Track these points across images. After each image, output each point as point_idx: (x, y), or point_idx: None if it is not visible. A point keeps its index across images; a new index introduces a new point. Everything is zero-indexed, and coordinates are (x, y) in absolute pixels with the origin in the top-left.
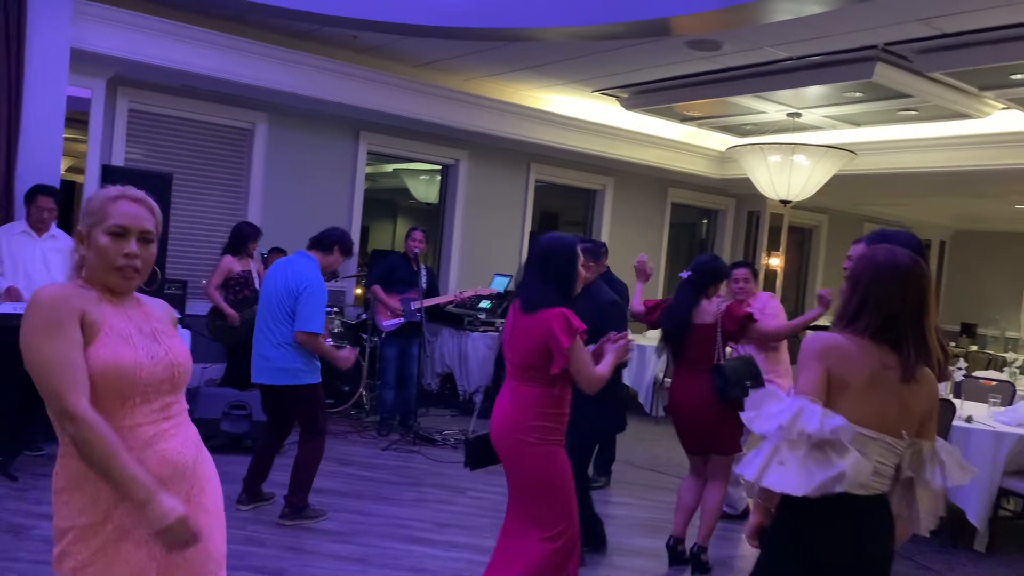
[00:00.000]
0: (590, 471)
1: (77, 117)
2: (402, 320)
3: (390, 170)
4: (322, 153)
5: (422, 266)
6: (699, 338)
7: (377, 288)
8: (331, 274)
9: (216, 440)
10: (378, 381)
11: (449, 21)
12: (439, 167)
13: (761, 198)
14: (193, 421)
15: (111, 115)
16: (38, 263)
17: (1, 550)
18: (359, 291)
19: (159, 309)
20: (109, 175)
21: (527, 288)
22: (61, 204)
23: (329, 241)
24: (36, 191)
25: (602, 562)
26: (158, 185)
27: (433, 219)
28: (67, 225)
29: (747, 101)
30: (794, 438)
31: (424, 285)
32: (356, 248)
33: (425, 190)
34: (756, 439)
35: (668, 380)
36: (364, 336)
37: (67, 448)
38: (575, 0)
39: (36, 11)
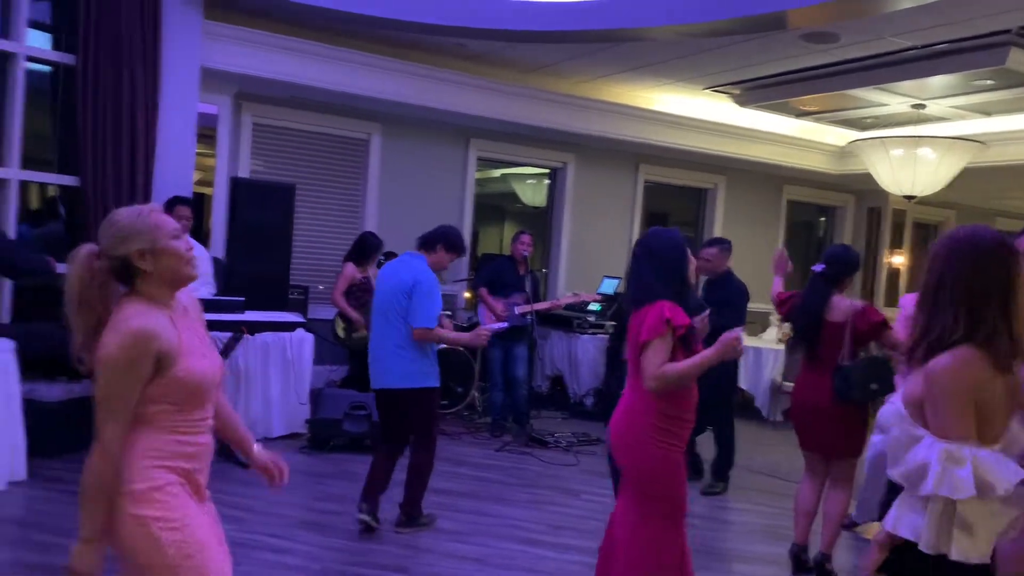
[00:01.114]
0: (706, 476)
1: (204, 132)
2: (505, 324)
3: (498, 175)
4: (433, 160)
5: (529, 271)
6: (828, 336)
7: (483, 291)
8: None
9: (338, 440)
10: (488, 383)
11: (555, 25)
12: (547, 171)
13: (883, 194)
14: (315, 421)
15: (237, 129)
16: None
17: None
18: (468, 294)
19: (196, 308)
20: (237, 187)
21: (633, 285)
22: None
23: (432, 239)
24: (175, 201)
25: (722, 568)
26: (282, 195)
27: (541, 223)
28: (197, 235)
29: (867, 94)
30: (981, 496)
31: (529, 290)
32: (467, 252)
33: (532, 194)
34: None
35: (787, 383)
36: None
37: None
38: None
39: (169, 33)
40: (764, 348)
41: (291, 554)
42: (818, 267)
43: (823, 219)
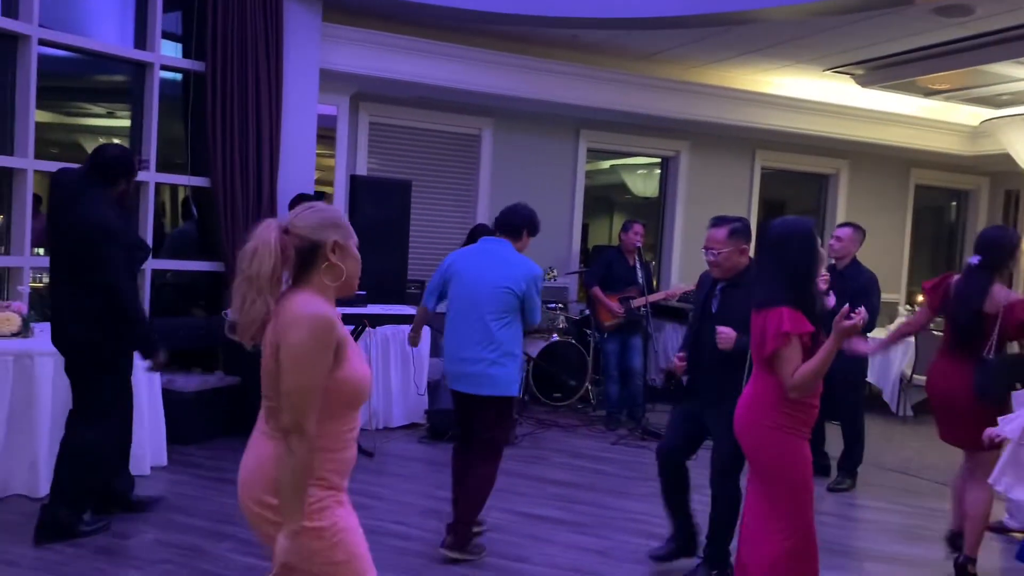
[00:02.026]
0: (833, 473)
1: (323, 133)
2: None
3: (607, 166)
4: (544, 153)
5: (640, 260)
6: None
7: (596, 290)
8: (548, 273)
9: (455, 430)
10: (602, 376)
11: (668, 11)
12: (657, 160)
13: (1021, 175)
14: (434, 412)
15: (354, 129)
16: None
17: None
18: (580, 287)
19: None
20: (356, 184)
21: (758, 282)
22: None
23: (518, 225)
24: (300, 199)
25: (853, 567)
26: (399, 192)
27: (651, 213)
28: None
29: (1004, 68)
30: None
31: (642, 281)
32: (576, 246)
33: (643, 184)
34: None
35: (916, 376)
36: (588, 331)
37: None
38: None
39: (290, 37)
40: None
41: (415, 540)
42: (974, 259)
43: (954, 204)
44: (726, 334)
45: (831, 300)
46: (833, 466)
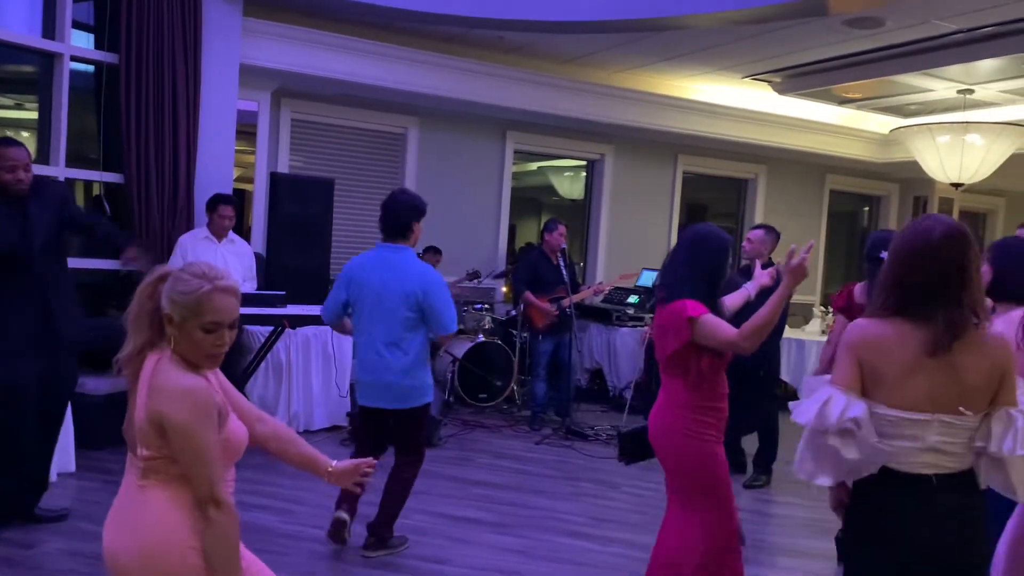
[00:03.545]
0: (749, 469)
1: (244, 129)
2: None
3: (535, 168)
4: (470, 154)
5: (562, 260)
6: None
7: (528, 295)
8: (474, 274)
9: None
10: (528, 376)
11: (593, 15)
12: (584, 163)
13: (929, 182)
14: (355, 414)
15: (276, 125)
16: (219, 266)
17: None
18: (506, 288)
19: (218, 373)
20: (276, 182)
21: (665, 277)
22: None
23: (403, 220)
24: (217, 200)
25: (767, 562)
26: (321, 190)
27: (578, 215)
28: (238, 230)
29: (913, 79)
30: (819, 427)
31: (567, 280)
32: (503, 247)
33: (570, 186)
34: None
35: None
36: (514, 332)
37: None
38: None
39: (209, 30)
40: (807, 340)
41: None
42: (883, 254)
43: (867, 208)
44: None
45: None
46: (749, 463)
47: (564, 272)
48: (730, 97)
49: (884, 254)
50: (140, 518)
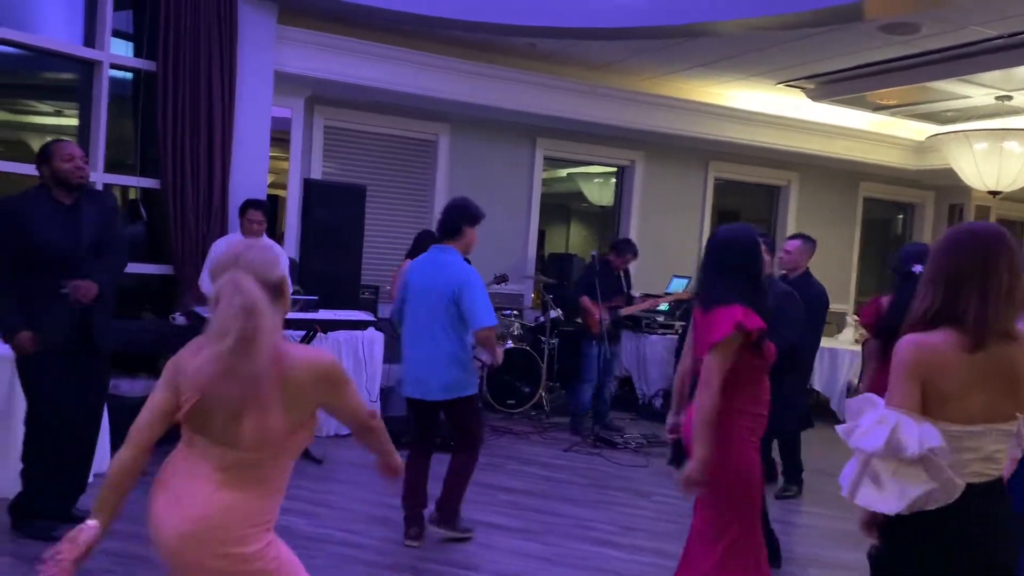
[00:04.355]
0: (779, 480)
1: (277, 136)
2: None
3: (564, 174)
4: (500, 160)
5: (622, 274)
6: None
7: (585, 299)
8: (502, 277)
9: (407, 437)
10: (578, 381)
11: (625, 22)
12: (613, 169)
13: (965, 190)
14: (386, 419)
15: (309, 132)
16: None
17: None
18: (535, 294)
19: None
20: (310, 188)
21: (703, 285)
22: (269, 216)
23: (454, 222)
24: (248, 205)
25: (797, 574)
26: (354, 196)
27: (607, 221)
28: (271, 235)
29: (949, 86)
30: (890, 455)
31: (625, 291)
32: (532, 253)
33: (599, 193)
34: None
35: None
36: (543, 338)
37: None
38: None
39: (244, 39)
40: (840, 349)
41: (364, 549)
42: (917, 268)
43: (901, 216)
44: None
45: None
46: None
47: (623, 283)
48: (763, 103)
49: (917, 268)
50: (221, 515)
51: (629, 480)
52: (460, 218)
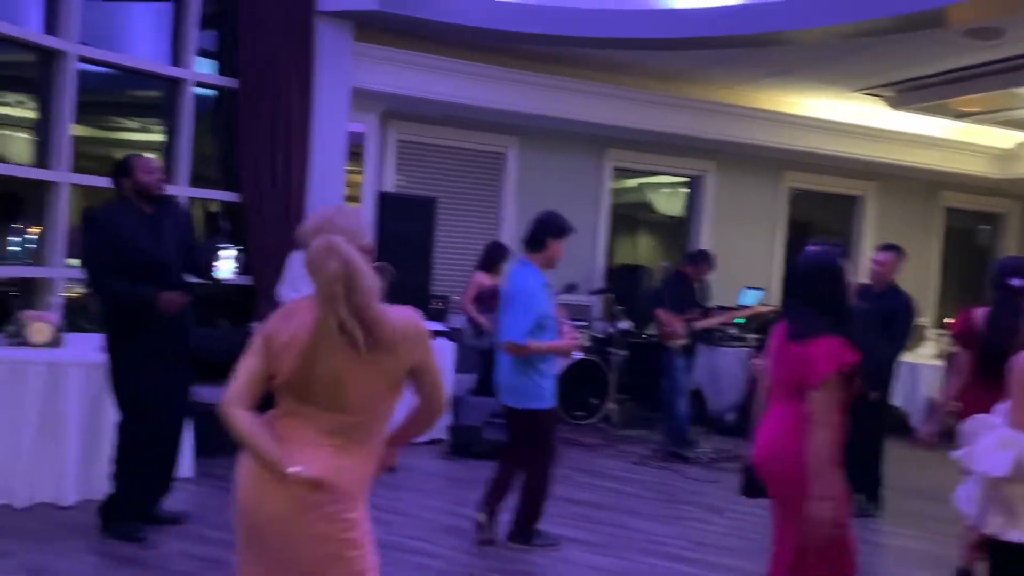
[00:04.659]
0: (859, 498)
1: (352, 149)
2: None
3: (633, 185)
4: (569, 171)
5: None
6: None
7: (660, 312)
8: (571, 286)
9: (478, 447)
10: (669, 394)
11: (699, 32)
12: (684, 179)
13: None
14: (456, 428)
15: (382, 146)
16: None
17: None
18: (605, 306)
19: None
20: (383, 201)
21: (792, 314)
22: None
23: (538, 235)
24: None
25: None
26: (425, 208)
27: (676, 232)
28: None
29: None
30: (1019, 480)
31: (703, 303)
32: (601, 264)
33: (668, 203)
34: None
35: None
36: (611, 350)
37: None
38: None
39: (321, 56)
40: (921, 364)
41: (435, 558)
42: (1016, 281)
43: (986, 227)
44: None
45: None
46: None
47: (700, 295)
48: (840, 112)
49: (1015, 281)
50: (335, 477)
51: (700, 495)
52: (546, 231)
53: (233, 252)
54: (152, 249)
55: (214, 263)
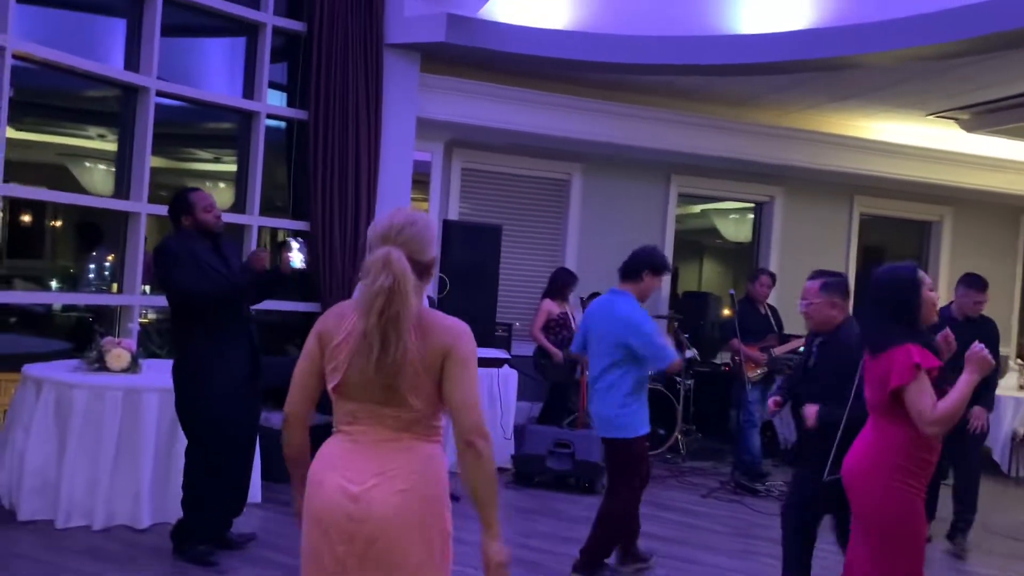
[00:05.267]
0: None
1: (417, 178)
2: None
3: (698, 210)
4: (633, 198)
5: (768, 308)
6: None
7: (736, 342)
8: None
9: (542, 476)
10: (742, 427)
11: (767, 57)
12: (749, 205)
13: None
14: (520, 457)
15: (447, 174)
16: None
17: None
18: (670, 331)
19: None
20: (448, 229)
21: (866, 328)
22: None
23: (636, 266)
24: None
25: None
26: (490, 236)
27: (743, 258)
28: None
29: None
30: None
31: (776, 328)
32: (667, 289)
33: (734, 229)
34: None
35: None
36: (678, 379)
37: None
38: (906, 21)
39: (389, 87)
40: (1002, 396)
41: None
42: None
43: None
44: (808, 414)
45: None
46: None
47: (772, 320)
48: (912, 135)
49: None
50: (425, 465)
51: (772, 529)
52: (643, 264)
53: (296, 244)
54: (226, 272)
55: (288, 255)
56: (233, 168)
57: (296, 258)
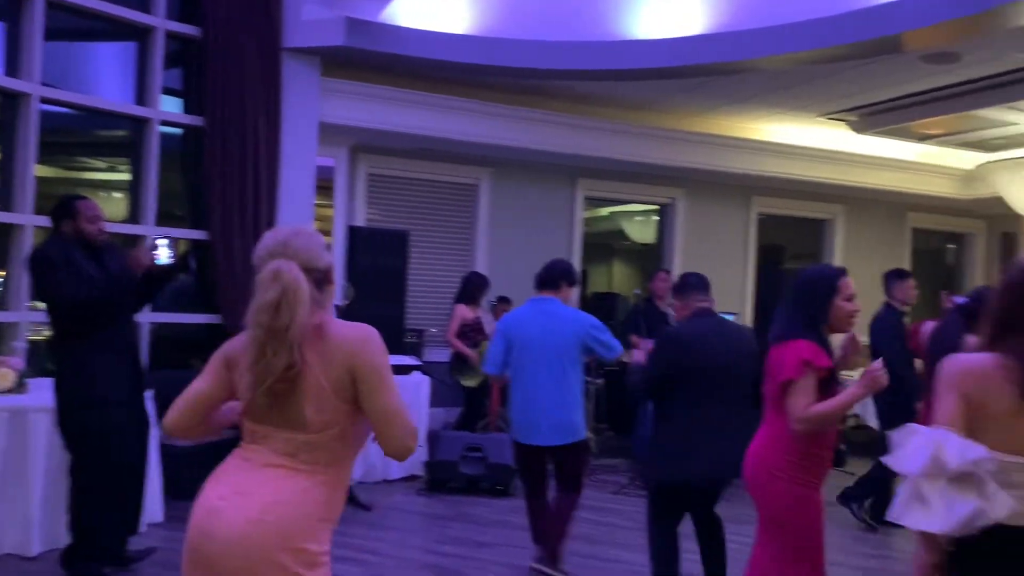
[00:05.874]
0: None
1: (321, 184)
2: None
3: (605, 213)
4: (541, 202)
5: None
6: None
7: (633, 337)
8: None
9: (455, 482)
10: (605, 424)
11: (663, 62)
12: (654, 207)
13: (1017, 218)
14: (433, 463)
15: (352, 180)
16: None
17: None
18: None
19: None
20: (354, 235)
21: (776, 321)
22: None
23: (555, 277)
24: None
25: None
26: (397, 242)
27: (649, 259)
28: None
29: (994, 113)
30: (934, 473)
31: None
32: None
33: (640, 231)
34: None
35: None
36: (588, 378)
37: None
38: (794, 26)
39: (289, 92)
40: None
41: None
42: (961, 299)
43: (952, 247)
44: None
45: None
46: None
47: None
48: (805, 137)
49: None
50: (293, 498)
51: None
52: (561, 275)
53: (166, 241)
54: (105, 278)
55: (155, 253)
56: (128, 177)
57: (163, 254)
